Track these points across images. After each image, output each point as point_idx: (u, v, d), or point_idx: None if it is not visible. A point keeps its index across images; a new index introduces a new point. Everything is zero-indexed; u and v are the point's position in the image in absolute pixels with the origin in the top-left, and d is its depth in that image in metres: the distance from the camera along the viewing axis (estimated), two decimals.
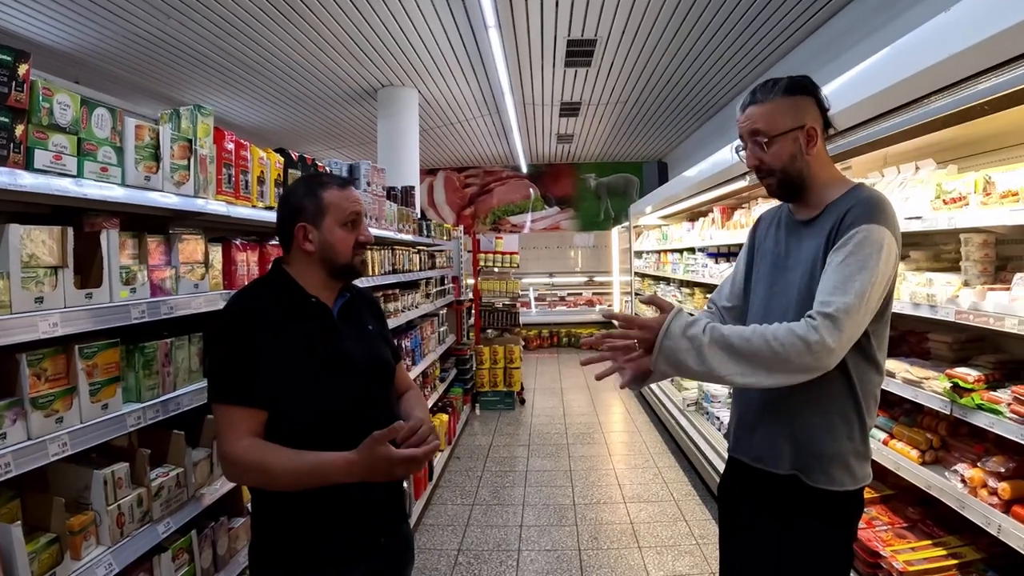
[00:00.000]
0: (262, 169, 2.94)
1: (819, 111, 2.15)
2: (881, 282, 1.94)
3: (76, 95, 1.86)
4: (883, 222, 1.96)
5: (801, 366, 1.87)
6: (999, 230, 2.85)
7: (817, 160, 2.15)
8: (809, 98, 2.13)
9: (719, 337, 1.94)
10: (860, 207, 1.99)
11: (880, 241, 1.93)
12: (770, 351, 1.88)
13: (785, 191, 2.20)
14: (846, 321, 1.85)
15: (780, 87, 2.12)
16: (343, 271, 2.21)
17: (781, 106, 2.11)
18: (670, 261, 8.88)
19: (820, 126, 2.14)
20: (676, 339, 1.96)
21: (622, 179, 17.84)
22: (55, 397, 1.81)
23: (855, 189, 2.12)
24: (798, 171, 2.13)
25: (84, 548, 1.91)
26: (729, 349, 1.93)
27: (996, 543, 2.56)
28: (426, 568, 4.61)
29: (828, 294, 1.90)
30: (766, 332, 1.91)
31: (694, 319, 2.02)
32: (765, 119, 2.12)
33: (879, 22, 6.54)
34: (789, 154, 2.11)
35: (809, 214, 2.19)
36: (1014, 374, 2.79)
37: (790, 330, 1.89)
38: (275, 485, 1.98)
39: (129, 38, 8.14)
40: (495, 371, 9.55)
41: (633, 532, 5.16)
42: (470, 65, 9.53)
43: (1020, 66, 2.17)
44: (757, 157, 2.16)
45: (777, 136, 2.11)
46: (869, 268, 1.90)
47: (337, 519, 2.08)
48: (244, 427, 1.95)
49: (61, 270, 1.81)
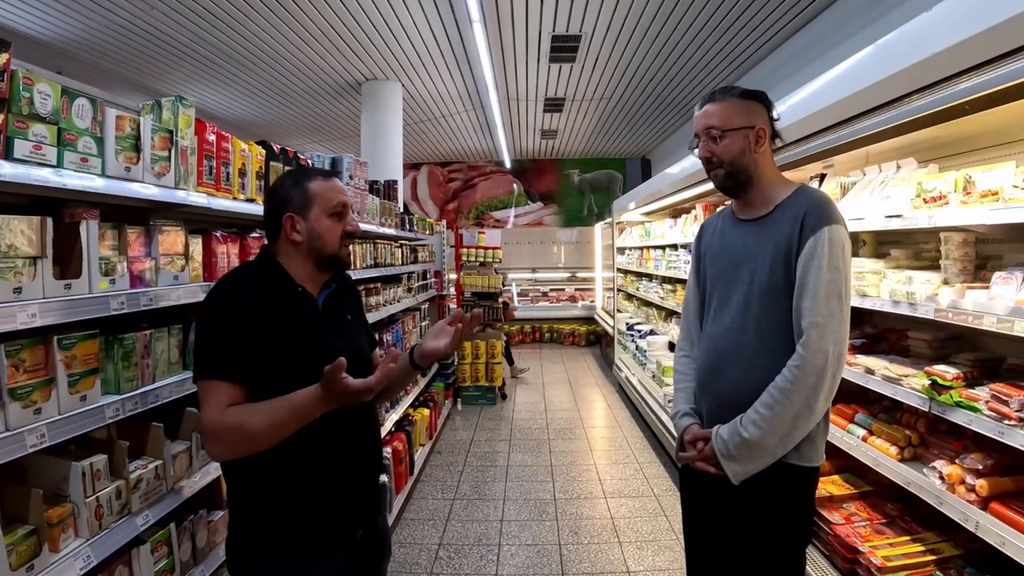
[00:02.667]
0: (243, 161, 2.92)
1: (768, 120, 2.39)
2: (849, 276, 2.23)
3: (57, 85, 1.84)
4: (838, 221, 2.22)
5: (819, 375, 2.12)
6: (979, 229, 2.87)
7: (763, 159, 2.38)
8: (761, 106, 2.38)
9: (752, 420, 2.19)
10: (817, 209, 2.22)
11: (842, 240, 2.19)
12: (785, 393, 2.15)
13: (730, 182, 2.40)
14: (830, 323, 2.13)
15: (736, 91, 2.38)
16: (330, 262, 2.21)
17: (735, 106, 2.34)
18: (652, 257, 8.90)
19: (768, 131, 2.38)
20: (727, 447, 2.23)
21: (605, 175, 17.90)
22: (33, 388, 1.79)
23: (802, 190, 2.36)
24: (745, 166, 2.35)
25: (62, 540, 1.90)
26: (759, 423, 2.18)
27: (974, 539, 2.59)
28: (407, 562, 4.60)
29: (810, 301, 2.15)
30: (772, 388, 2.18)
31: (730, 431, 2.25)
32: (719, 116, 2.34)
33: (862, 22, 6.58)
34: (739, 148, 2.33)
35: (755, 213, 2.41)
36: (992, 372, 2.81)
37: (787, 367, 2.17)
38: (257, 441, 1.93)
39: (112, 28, 8.07)
40: (477, 366, 9.55)
41: (614, 527, 5.18)
42: (454, 60, 9.51)
43: (1000, 66, 2.19)
44: (709, 149, 2.37)
45: (729, 131, 2.32)
46: (840, 268, 2.17)
47: (313, 512, 2.08)
48: (225, 399, 1.95)
49: (40, 260, 1.79)
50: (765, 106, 2.37)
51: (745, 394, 2.25)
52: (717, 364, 2.40)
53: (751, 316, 2.31)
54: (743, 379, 2.28)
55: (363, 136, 10.98)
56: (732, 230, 2.50)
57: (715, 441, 2.26)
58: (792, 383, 2.12)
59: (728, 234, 2.51)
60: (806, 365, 2.11)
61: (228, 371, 1.96)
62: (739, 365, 2.32)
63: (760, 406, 2.18)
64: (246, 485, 2.08)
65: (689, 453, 2.39)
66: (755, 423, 2.16)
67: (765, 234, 2.32)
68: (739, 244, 2.42)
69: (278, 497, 2.04)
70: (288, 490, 2.03)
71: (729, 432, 2.23)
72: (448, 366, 8.89)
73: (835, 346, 2.12)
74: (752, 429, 2.16)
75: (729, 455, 2.21)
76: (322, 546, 2.10)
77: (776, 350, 2.22)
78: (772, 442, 2.16)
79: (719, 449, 2.24)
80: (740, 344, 2.33)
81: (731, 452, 2.21)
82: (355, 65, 9.72)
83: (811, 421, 2.16)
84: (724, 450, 2.23)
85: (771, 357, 2.22)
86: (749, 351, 2.30)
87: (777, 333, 2.25)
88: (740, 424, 2.20)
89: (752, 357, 2.29)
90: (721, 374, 2.37)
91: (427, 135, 14.66)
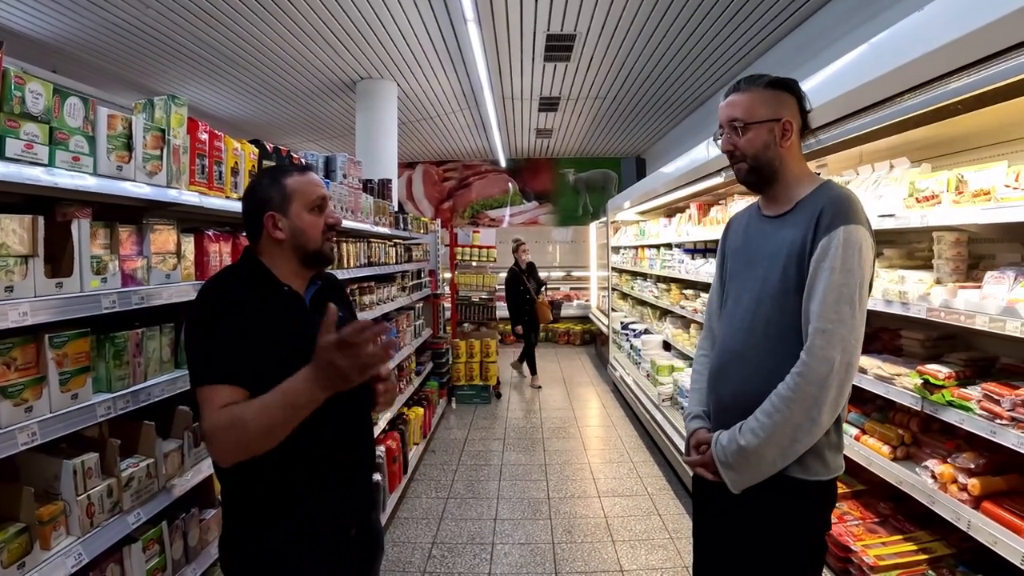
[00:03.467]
0: (236, 160, 2.91)
1: (799, 111, 2.23)
2: (866, 281, 2.05)
3: (48, 84, 1.84)
4: (857, 220, 2.05)
5: (822, 385, 2.00)
6: (971, 229, 2.88)
7: (789, 154, 2.24)
8: (790, 96, 2.24)
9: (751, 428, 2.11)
10: (834, 206, 2.07)
11: (859, 240, 2.03)
12: (786, 402, 2.03)
13: (753, 177, 2.28)
14: (839, 329, 1.99)
15: (764, 80, 2.24)
16: (314, 257, 2.20)
17: (761, 97, 2.21)
18: (647, 257, 8.92)
19: (797, 124, 2.23)
20: (724, 454, 2.16)
21: (600, 175, 17.90)
22: (25, 386, 1.79)
23: (824, 186, 2.20)
24: (768, 160, 2.22)
25: (54, 538, 1.90)
26: (757, 431, 2.09)
27: (966, 538, 2.60)
28: (400, 561, 4.60)
29: (819, 305, 2.03)
30: (773, 396, 2.07)
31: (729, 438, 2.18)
32: (743, 107, 2.22)
33: (857, 21, 6.59)
34: (762, 142, 2.20)
35: (779, 210, 2.28)
36: (984, 371, 2.82)
37: (790, 374, 2.05)
38: (254, 437, 1.87)
39: (107, 27, 8.04)
40: (471, 365, 9.55)
41: (607, 526, 5.19)
42: (449, 59, 9.50)
43: (991, 66, 2.19)
44: (731, 142, 2.25)
45: (752, 124, 2.20)
46: (855, 271, 2.01)
47: (306, 510, 2.07)
48: (226, 401, 1.94)
49: (32, 259, 1.79)
50: (796, 96, 2.24)
51: (748, 398, 2.15)
52: (724, 365, 2.33)
53: (760, 317, 2.21)
54: (747, 382, 2.19)
55: (358, 135, 10.96)
56: (756, 227, 2.38)
57: (714, 447, 2.20)
58: (793, 391, 2.01)
59: (751, 231, 2.40)
60: (809, 373, 2.00)
61: (228, 374, 1.95)
62: (744, 368, 2.23)
63: (760, 413, 2.08)
64: (239, 484, 2.07)
65: (692, 458, 2.34)
66: (753, 431, 2.08)
67: (783, 232, 2.21)
68: (758, 242, 2.32)
69: (271, 496, 2.03)
70: (281, 489, 2.02)
71: (728, 439, 2.15)
72: (443, 365, 8.88)
73: (843, 354, 1.99)
74: (749, 437, 2.08)
75: (726, 463, 2.14)
76: (315, 545, 2.10)
77: (784, 354, 2.09)
78: (770, 453, 2.06)
79: (717, 456, 2.18)
80: (747, 346, 2.24)
81: (728, 460, 2.14)
82: (349, 64, 9.70)
83: (814, 434, 2.04)
84: (722, 457, 2.16)
85: (777, 361, 2.10)
86: (755, 354, 2.20)
87: (786, 337, 2.12)
88: (739, 431, 2.12)
89: (758, 360, 2.19)
90: (726, 376, 2.30)
91: (422, 134, 14.64)
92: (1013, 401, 2.35)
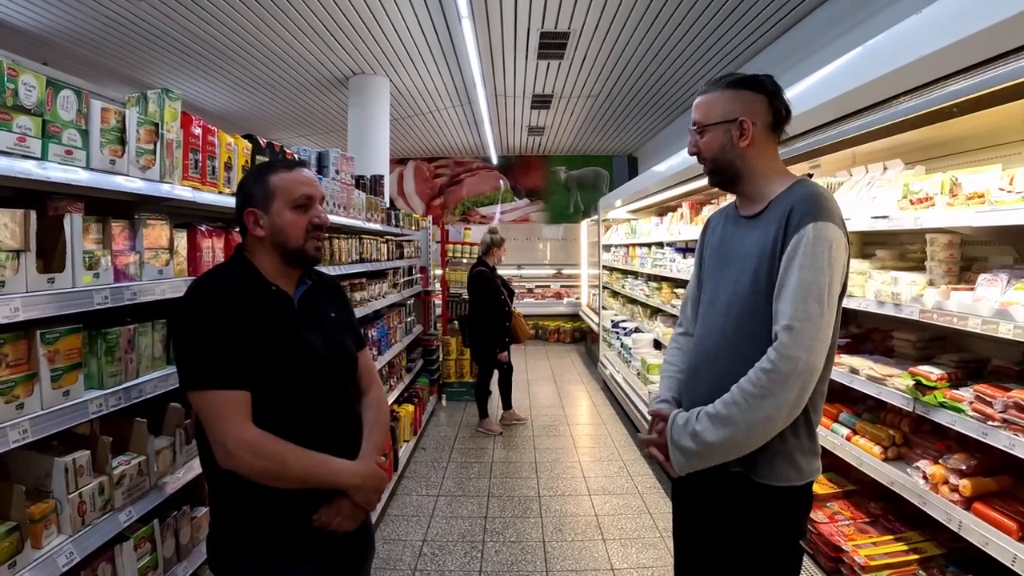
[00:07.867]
0: (230, 155, 2.89)
1: (768, 108, 2.20)
2: (837, 279, 2.02)
3: (41, 76, 1.82)
4: (828, 218, 2.01)
5: (783, 384, 1.95)
6: (964, 231, 2.89)
7: (755, 153, 2.21)
8: (757, 95, 2.20)
9: (708, 412, 2.08)
10: (804, 204, 2.05)
11: (830, 239, 1.99)
12: (747, 396, 2.00)
13: (716, 179, 2.32)
14: (807, 327, 1.94)
15: (725, 81, 2.23)
16: (295, 256, 2.17)
17: (720, 98, 2.22)
18: (638, 255, 8.92)
19: (762, 122, 2.20)
20: (677, 433, 2.13)
21: (592, 173, 17.92)
22: (16, 383, 1.77)
23: (797, 184, 2.18)
24: (728, 161, 2.22)
25: (45, 536, 1.88)
26: (714, 418, 2.05)
27: (957, 539, 2.61)
28: (391, 559, 4.59)
29: (787, 303, 1.99)
30: (735, 388, 2.04)
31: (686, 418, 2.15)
32: (702, 109, 2.25)
33: (852, 23, 6.61)
34: (719, 144, 2.22)
35: (753, 209, 2.25)
36: (976, 373, 2.83)
37: (754, 368, 2.01)
38: (285, 477, 1.97)
39: (99, 19, 8.01)
40: (462, 362, 9.55)
41: (598, 524, 5.19)
42: (442, 55, 9.49)
43: (988, 70, 2.20)
44: (694, 144, 2.29)
45: (708, 126, 2.23)
46: (824, 268, 1.97)
47: (295, 509, 2.06)
48: (243, 411, 1.94)
49: (23, 254, 1.77)
50: (765, 93, 2.19)
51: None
52: (697, 367, 2.31)
53: (731, 320, 2.19)
54: (718, 383, 2.11)
55: (350, 131, 10.98)
56: (731, 227, 2.36)
57: (669, 425, 2.17)
58: (755, 386, 1.98)
59: (727, 231, 2.37)
60: (773, 371, 1.95)
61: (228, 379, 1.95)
62: (716, 370, 2.18)
63: (720, 403, 2.05)
64: (227, 483, 2.04)
65: (645, 435, 2.34)
66: (710, 417, 2.05)
67: (754, 234, 2.18)
68: (733, 242, 2.29)
69: (260, 495, 2.01)
70: (270, 488, 2.00)
71: (684, 420, 2.13)
72: (433, 362, 8.87)
73: (808, 354, 1.94)
74: (706, 423, 2.05)
75: (677, 443, 2.12)
76: (304, 544, 2.09)
77: (755, 357, 2.02)
78: (722, 443, 2.03)
79: (670, 434, 2.15)
80: (720, 348, 2.21)
81: (678, 441, 2.11)
82: (342, 59, 9.68)
83: (769, 432, 2.01)
84: (674, 437, 2.13)
85: (748, 364, 2.04)
86: (726, 356, 2.17)
87: (757, 339, 2.07)
88: (696, 416, 2.09)
89: (729, 363, 2.13)
90: (698, 379, 2.29)
91: (414, 130, 14.62)
92: (1004, 403, 2.36)
